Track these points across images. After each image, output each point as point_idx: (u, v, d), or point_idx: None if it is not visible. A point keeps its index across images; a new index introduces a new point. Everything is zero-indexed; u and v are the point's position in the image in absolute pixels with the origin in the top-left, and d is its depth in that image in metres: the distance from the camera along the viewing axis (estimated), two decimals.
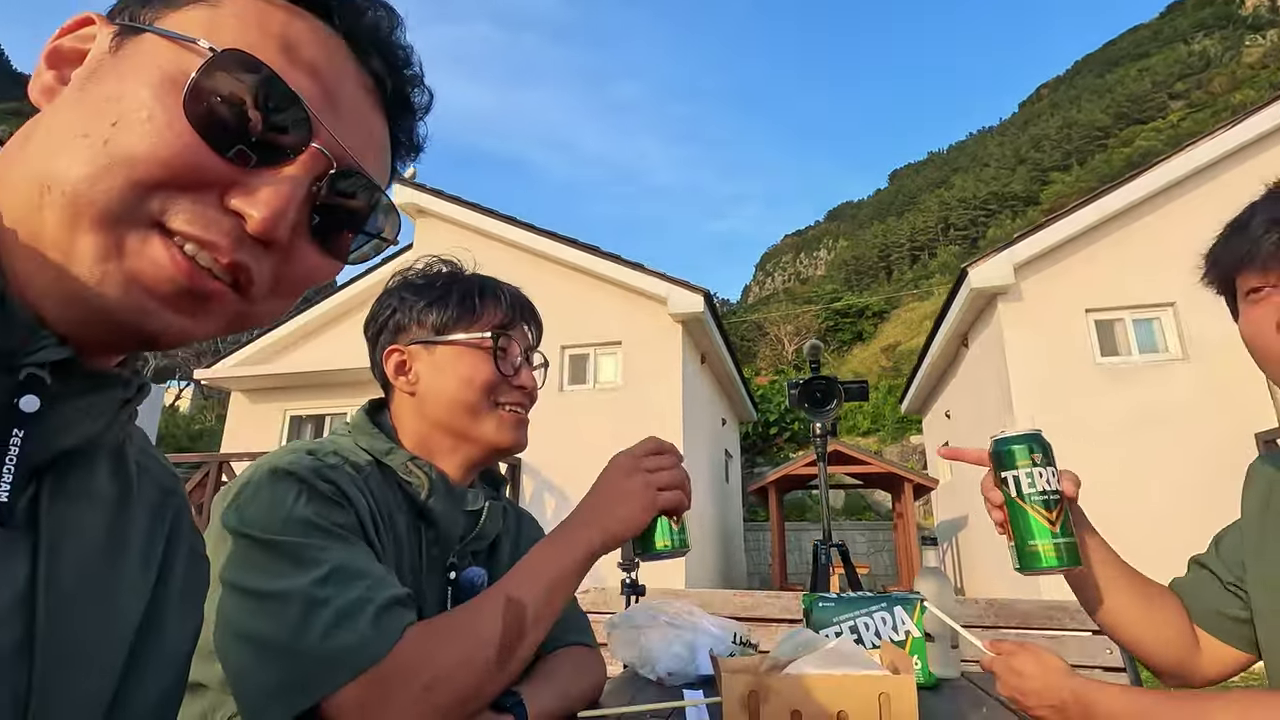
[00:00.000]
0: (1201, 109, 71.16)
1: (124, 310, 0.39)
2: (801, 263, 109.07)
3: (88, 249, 0.37)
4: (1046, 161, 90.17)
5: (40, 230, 0.38)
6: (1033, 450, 0.91)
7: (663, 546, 0.87)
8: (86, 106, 0.39)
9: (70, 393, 0.40)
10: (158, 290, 0.39)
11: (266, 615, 0.70)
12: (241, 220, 0.40)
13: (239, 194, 0.40)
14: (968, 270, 7.74)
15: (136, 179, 0.37)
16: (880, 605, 1.19)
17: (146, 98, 0.38)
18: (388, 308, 1.02)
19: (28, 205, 0.38)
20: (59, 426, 0.40)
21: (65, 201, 0.37)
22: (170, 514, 0.52)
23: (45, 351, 0.38)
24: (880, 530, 14.79)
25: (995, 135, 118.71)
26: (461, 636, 0.72)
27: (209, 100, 0.39)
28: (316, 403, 10.25)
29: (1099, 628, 1.05)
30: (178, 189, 0.39)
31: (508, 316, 0.99)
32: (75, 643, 0.40)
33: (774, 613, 1.93)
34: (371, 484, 0.88)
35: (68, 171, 0.37)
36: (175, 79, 0.39)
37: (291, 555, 0.73)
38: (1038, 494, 0.91)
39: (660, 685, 1.18)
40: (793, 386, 2.87)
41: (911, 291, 49.21)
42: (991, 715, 0.98)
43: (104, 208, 0.37)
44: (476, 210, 9.18)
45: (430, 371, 0.97)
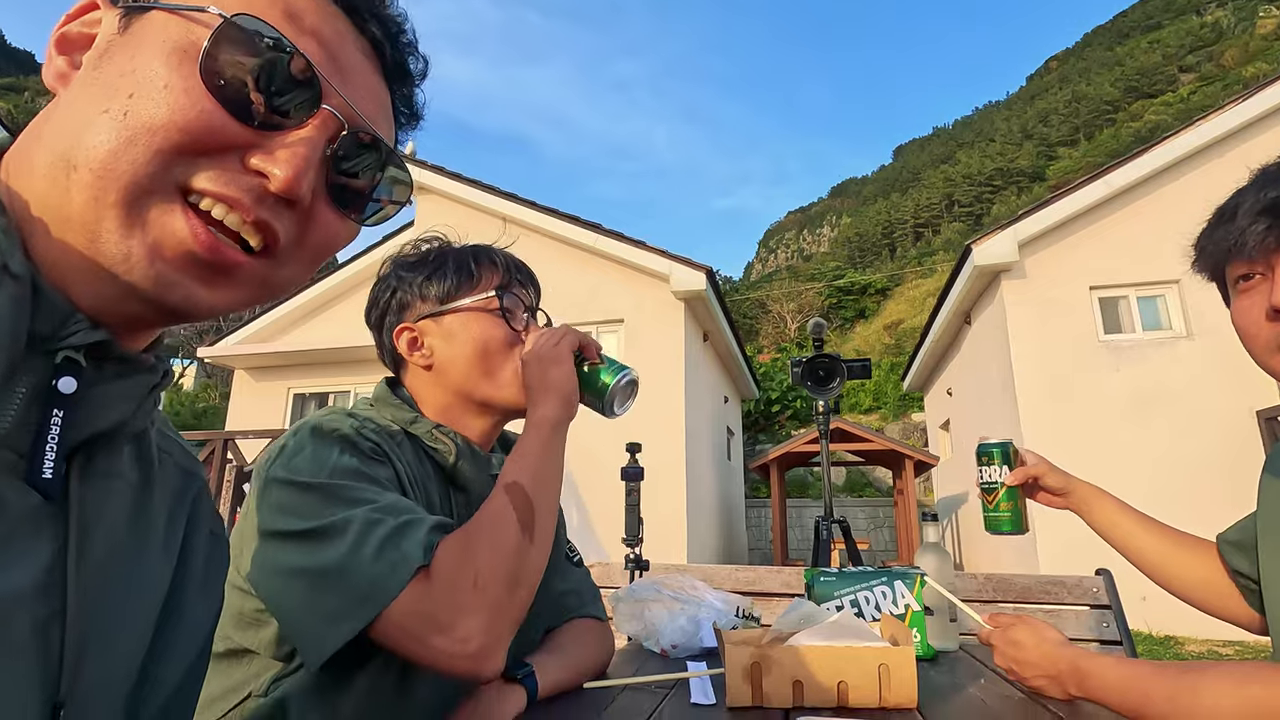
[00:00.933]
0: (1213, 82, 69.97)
1: (149, 283, 0.40)
2: (805, 239, 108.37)
3: (113, 224, 0.38)
4: (1053, 136, 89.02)
5: (68, 212, 0.39)
6: (984, 456, 1.25)
7: (608, 379, 0.93)
8: (102, 84, 0.39)
9: (104, 377, 0.41)
10: (180, 261, 0.40)
11: (321, 546, 0.72)
12: (264, 179, 0.41)
13: (258, 155, 0.41)
14: (971, 247, 7.70)
15: (158, 147, 0.38)
16: (880, 580, 1.21)
17: (160, 68, 0.39)
18: (387, 290, 1.03)
19: (54, 188, 0.39)
20: (94, 409, 0.41)
21: (92, 178, 0.38)
22: (191, 496, 0.53)
23: (80, 335, 0.39)
24: (881, 507, 14.88)
25: (1002, 110, 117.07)
26: (486, 529, 0.75)
27: (223, 65, 0.40)
28: (320, 381, 10.28)
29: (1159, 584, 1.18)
30: (199, 153, 0.40)
31: (506, 277, 1.01)
32: (104, 617, 0.42)
33: (775, 587, 1.95)
34: (404, 451, 0.90)
35: (92, 148, 0.38)
36: (186, 48, 0.40)
37: (340, 495, 0.76)
38: (984, 483, 1.25)
39: (664, 657, 1.21)
40: (796, 364, 2.88)
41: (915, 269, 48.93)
42: (989, 686, 1.00)
43: (130, 179, 0.38)
44: (478, 187, 9.12)
45: (443, 342, 0.98)
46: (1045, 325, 7.27)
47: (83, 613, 0.40)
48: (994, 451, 1.24)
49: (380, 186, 0.49)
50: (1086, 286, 7.29)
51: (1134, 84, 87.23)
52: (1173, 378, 6.70)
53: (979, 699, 0.93)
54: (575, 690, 0.97)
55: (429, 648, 0.69)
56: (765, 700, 0.87)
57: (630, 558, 2.50)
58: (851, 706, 0.86)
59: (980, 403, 8.99)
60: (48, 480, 0.38)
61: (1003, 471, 1.23)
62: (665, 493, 7.51)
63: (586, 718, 0.88)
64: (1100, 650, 1.68)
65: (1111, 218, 7.35)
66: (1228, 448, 6.13)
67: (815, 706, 0.86)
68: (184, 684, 0.50)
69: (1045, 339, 7.23)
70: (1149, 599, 1.18)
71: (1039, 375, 7.10)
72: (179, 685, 0.49)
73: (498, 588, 0.72)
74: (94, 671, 0.41)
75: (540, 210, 8.82)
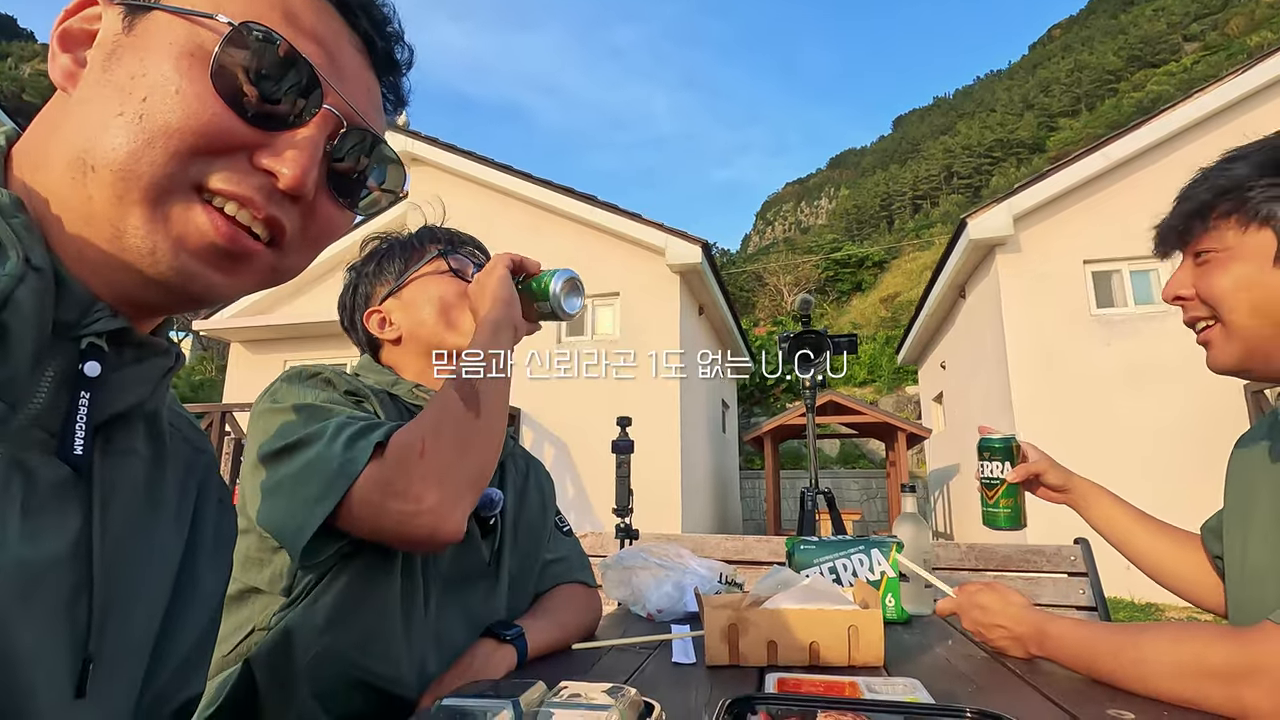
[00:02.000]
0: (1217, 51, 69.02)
1: (173, 273, 0.43)
2: (802, 211, 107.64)
3: (138, 220, 0.41)
4: (1055, 107, 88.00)
5: (89, 209, 0.42)
6: (986, 451, 1.23)
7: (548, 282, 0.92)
8: (114, 86, 0.42)
9: (123, 361, 0.45)
10: (202, 252, 0.43)
11: (302, 451, 0.78)
12: (272, 178, 0.45)
13: (265, 154, 0.45)
14: (967, 221, 7.69)
15: (174, 149, 0.41)
16: (858, 548, 1.26)
17: (171, 72, 0.41)
18: (349, 290, 1.14)
19: (73, 187, 0.42)
20: (114, 391, 0.44)
21: (113, 178, 0.41)
22: (200, 470, 0.56)
23: (102, 322, 0.42)
24: (874, 478, 15.06)
25: (1003, 79, 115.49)
26: (433, 409, 0.81)
27: (232, 71, 0.42)
28: (315, 353, 10.29)
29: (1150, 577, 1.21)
30: (211, 154, 0.43)
31: (447, 241, 1.10)
32: (124, 583, 0.46)
33: (763, 555, 2.02)
34: (384, 406, 0.95)
35: (110, 150, 0.40)
36: (194, 52, 0.42)
37: (320, 412, 0.83)
38: (984, 479, 1.23)
39: (650, 621, 1.26)
40: (784, 340, 2.91)
41: (913, 241, 48.74)
42: (954, 647, 1.05)
43: (150, 180, 0.41)
44: (471, 158, 9.03)
45: (404, 312, 1.05)
46: (1038, 299, 7.31)
47: (106, 579, 0.43)
48: (996, 446, 1.22)
49: (374, 175, 0.53)
50: (1080, 260, 7.30)
51: (1137, 53, 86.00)
52: (1163, 352, 6.75)
53: (943, 658, 0.99)
54: (564, 651, 1.03)
55: (388, 513, 0.74)
56: (742, 659, 0.93)
57: (620, 527, 2.56)
58: (822, 665, 0.91)
59: (973, 376, 9.06)
60: (79, 456, 0.41)
61: (1004, 468, 1.21)
62: (660, 465, 7.60)
63: (573, 674, 0.93)
64: (1076, 615, 1.76)
65: (1107, 191, 7.34)
66: (1216, 422, 6.20)
67: (788, 665, 0.91)
68: (198, 646, 0.54)
69: (1038, 313, 7.27)
70: (1132, 569, 1.22)
71: (1031, 349, 7.16)
72: (193, 646, 0.53)
73: (445, 453, 0.77)
74: (117, 633, 0.45)
75: (534, 182, 8.75)
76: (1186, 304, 0.96)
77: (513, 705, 0.52)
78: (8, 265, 0.38)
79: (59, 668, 0.41)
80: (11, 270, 0.38)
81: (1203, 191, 0.93)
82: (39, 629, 0.39)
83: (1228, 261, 0.89)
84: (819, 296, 36.82)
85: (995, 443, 1.22)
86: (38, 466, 0.40)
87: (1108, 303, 7.30)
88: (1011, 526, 1.21)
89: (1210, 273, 0.92)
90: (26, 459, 0.40)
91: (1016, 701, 0.77)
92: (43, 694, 0.39)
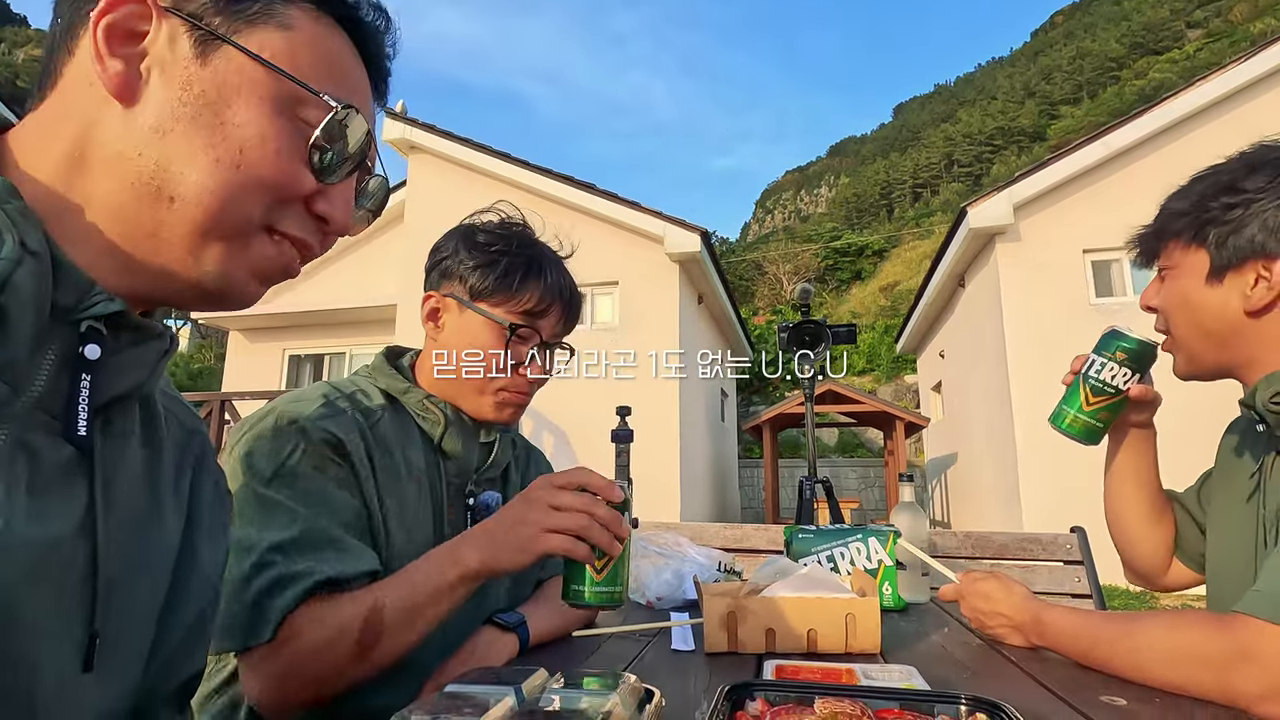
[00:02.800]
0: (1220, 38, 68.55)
1: (233, 293, 0.49)
2: (802, 200, 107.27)
3: (218, 253, 0.47)
4: (1056, 94, 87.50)
5: (155, 229, 0.45)
6: (1121, 350, 1.03)
7: (574, 594, 0.78)
8: (204, 122, 0.44)
9: (121, 345, 0.45)
10: (265, 279, 0.50)
11: (234, 559, 0.78)
12: (324, 224, 0.52)
13: (321, 202, 0.51)
14: (967, 210, 7.67)
15: (264, 201, 0.47)
16: (855, 536, 1.27)
17: (268, 129, 0.46)
18: (446, 250, 1.05)
19: (137, 202, 0.44)
20: (113, 375, 0.45)
21: (202, 215, 0.45)
22: (195, 451, 0.57)
23: (100, 305, 0.43)
24: (872, 467, 15.11)
25: (1005, 66, 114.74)
26: (328, 628, 0.78)
27: (324, 143, 0.48)
28: (315, 342, 10.29)
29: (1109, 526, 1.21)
30: (285, 202, 0.49)
31: (541, 304, 1.02)
32: (130, 561, 0.47)
33: (761, 544, 2.03)
34: (381, 427, 0.93)
35: (204, 191, 0.44)
36: (283, 111, 0.47)
37: (269, 509, 0.81)
38: (1096, 379, 1.04)
39: (650, 609, 1.28)
40: (783, 329, 2.92)
41: (913, 230, 48.62)
42: (951, 634, 1.06)
43: (236, 222, 0.46)
44: (470, 146, 8.98)
45: (452, 330, 1.02)
46: (1038, 288, 7.30)
47: (111, 556, 0.44)
48: (1132, 349, 1.02)
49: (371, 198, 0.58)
50: (1080, 250, 7.29)
51: (1140, 40, 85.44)
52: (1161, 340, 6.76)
53: (940, 645, 1.00)
54: (565, 638, 1.04)
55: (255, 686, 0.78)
56: (740, 647, 0.93)
57: None
58: (820, 652, 0.92)
59: (972, 365, 9.07)
60: (82, 437, 0.42)
61: (1130, 378, 1.03)
62: (660, 454, 7.62)
63: (574, 661, 0.95)
64: (1072, 603, 1.77)
65: (1107, 180, 7.32)
66: (1214, 411, 6.19)
67: (786, 652, 0.92)
68: (199, 622, 0.56)
69: (1037, 302, 7.27)
70: None
71: (1030, 338, 7.16)
72: (194, 622, 0.55)
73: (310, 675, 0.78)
74: (122, 609, 0.46)
75: (533, 170, 8.72)
76: (1156, 314, 1.03)
77: (515, 692, 0.52)
78: (4, 249, 0.39)
79: (67, 643, 0.42)
80: (8, 254, 0.39)
81: (1165, 210, 0.99)
82: (47, 605, 0.40)
83: (1174, 279, 0.97)
84: (818, 285, 36.76)
85: (1131, 344, 1.02)
86: (42, 448, 0.41)
87: (1107, 292, 7.30)
88: (1089, 440, 1.06)
89: (1165, 289, 0.99)
90: (31, 440, 0.41)
91: (1011, 688, 0.78)
92: (51, 669, 0.41)
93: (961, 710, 0.58)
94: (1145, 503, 1.15)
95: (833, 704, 0.57)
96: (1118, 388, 1.03)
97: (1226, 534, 0.99)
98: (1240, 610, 0.71)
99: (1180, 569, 1.14)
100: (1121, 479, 1.16)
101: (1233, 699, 0.70)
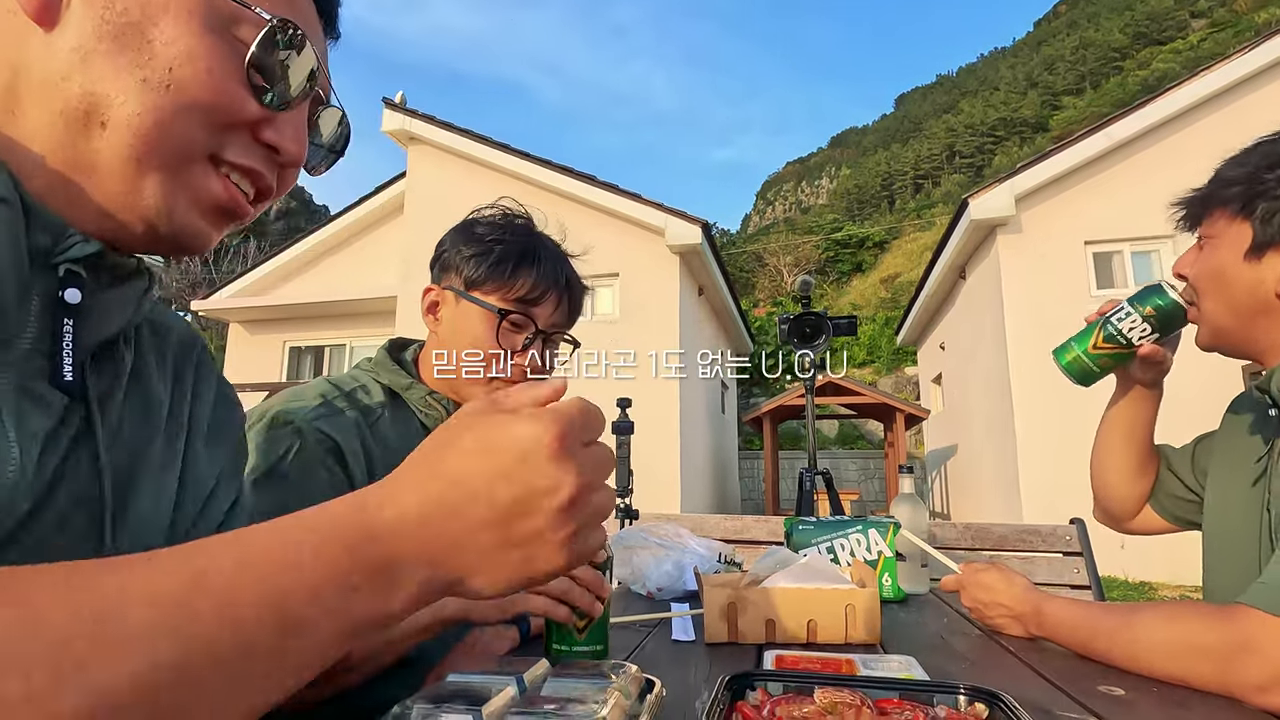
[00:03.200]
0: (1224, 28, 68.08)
1: (178, 228, 0.46)
2: (803, 191, 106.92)
3: (156, 182, 0.43)
4: (1059, 85, 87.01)
5: (90, 160, 0.42)
6: (1153, 307, 1.00)
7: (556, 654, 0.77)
8: (130, 45, 0.41)
9: (101, 286, 0.45)
10: (209, 213, 0.47)
11: None
12: (275, 152, 0.49)
13: (269, 130, 0.48)
14: (968, 201, 7.65)
15: (200, 123, 0.44)
16: (855, 528, 1.27)
17: (198, 47, 0.43)
18: (446, 243, 1.05)
19: (68, 134, 0.42)
20: (99, 317, 0.45)
21: (134, 140, 0.42)
22: (193, 363, 0.58)
23: (77, 247, 0.43)
24: (872, 459, 15.14)
25: (1007, 57, 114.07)
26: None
27: (260, 62, 0.45)
28: (315, 334, 10.29)
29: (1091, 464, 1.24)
30: (227, 127, 0.45)
31: (535, 291, 1.00)
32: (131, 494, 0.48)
33: (761, 535, 2.04)
34: (382, 425, 0.93)
35: (134, 114, 0.41)
36: (218, 29, 0.44)
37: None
38: (1115, 327, 1.02)
39: (650, 599, 1.28)
40: (783, 321, 2.91)
41: (914, 221, 48.46)
42: (950, 625, 1.07)
43: (174, 149, 0.43)
44: (470, 137, 8.95)
45: (450, 322, 1.01)
46: (1039, 280, 7.29)
47: (115, 493, 0.45)
48: (1164, 309, 0.99)
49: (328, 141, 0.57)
50: (1081, 241, 7.28)
51: (1143, 30, 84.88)
52: None
53: (939, 635, 1.01)
54: None
55: None
56: (740, 637, 0.94)
57: (620, 507, 2.58)
58: (819, 643, 0.93)
59: (972, 357, 9.07)
60: (70, 382, 0.43)
61: (1146, 333, 1.01)
62: (660, 446, 7.63)
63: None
64: (1070, 594, 1.78)
65: (1109, 171, 7.30)
66: (1216, 403, 6.20)
67: (786, 642, 0.93)
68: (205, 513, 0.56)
69: (1038, 294, 7.26)
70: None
71: (1031, 330, 7.15)
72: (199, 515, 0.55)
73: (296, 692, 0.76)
74: (128, 538, 0.46)
75: (533, 161, 8.69)
76: (1186, 282, 1.00)
77: (517, 681, 0.53)
78: None
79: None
80: None
81: (1218, 176, 0.95)
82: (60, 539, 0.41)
83: (1213, 249, 0.94)
84: (819, 277, 36.73)
85: (1166, 304, 0.99)
86: (44, 392, 0.42)
87: (1108, 283, 7.29)
88: (1080, 381, 1.07)
89: (1202, 258, 0.96)
90: (33, 386, 0.41)
91: (1010, 678, 0.79)
92: None
93: (960, 700, 0.58)
94: (1132, 457, 1.18)
95: (832, 694, 0.57)
96: (1130, 341, 1.02)
97: (1227, 516, 1.00)
98: (1244, 602, 0.72)
99: (1151, 517, 1.19)
100: (1113, 429, 1.19)
101: (1232, 689, 0.70)
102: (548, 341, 1.04)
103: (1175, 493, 1.16)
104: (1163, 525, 1.19)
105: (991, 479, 8.33)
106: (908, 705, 0.57)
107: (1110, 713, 0.66)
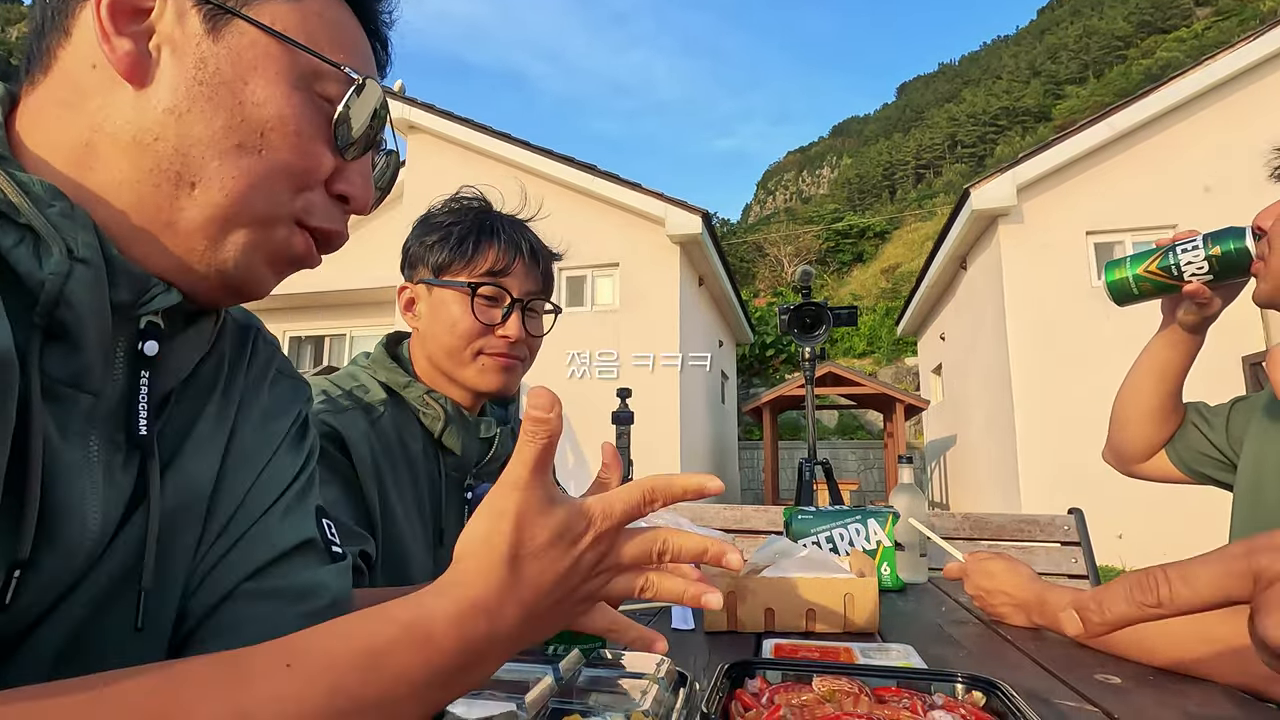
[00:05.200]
0: (1229, 16, 67.54)
1: (250, 283, 0.47)
2: (804, 181, 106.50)
3: (239, 241, 0.44)
4: (1062, 74, 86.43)
5: (173, 217, 0.43)
6: (1221, 248, 0.96)
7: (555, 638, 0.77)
8: (221, 103, 0.42)
9: (175, 330, 0.46)
10: (283, 264, 0.48)
11: None
12: (345, 204, 0.50)
13: (340, 182, 0.49)
14: (970, 191, 7.62)
15: (285, 185, 0.45)
16: (854, 518, 1.27)
17: (287, 109, 0.44)
18: (410, 238, 1.06)
19: (156, 190, 0.42)
20: (174, 366, 0.46)
21: (225, 202, 0.43)
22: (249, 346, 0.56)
23: (159, 298, 0.43)
24: (872, 449, 15.18)
25: (1010, 45, 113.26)
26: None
27: (345, 120, 0.47)
28: (316, 324, 10.28)
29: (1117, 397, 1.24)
30: (309, 187, 0.46)
31: (501, 262, 1.00)
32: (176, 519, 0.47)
33: (760, 525, 2.04)
34: (383, 424, 0.93)
35: (226, 178, 0.42)
36: (300, 87, 0.45)
37: None
38: (1174, 258, 0.99)
39: None
40: (783, 312, 2.91)
41: (915, 211, 48.32)
42: (948, 613, 1.08)
43: (261, 210, 0.45)
44: (470, 126, 8.91)
45: (428, 312, 1.01)
46: (1040, 270, 7.28)
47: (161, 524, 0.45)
48: (1231, 253, 0.95)
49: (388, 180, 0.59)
50: (1083, 232, 7.26)
51: (1147, 18, 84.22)
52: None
53: (936, 624, 1.01)
54: None
55: None
56: (740, 626, 0.95)
57: None
58: (818, 631, 0.93)
59: (973, 347, 9.07)
60: (144, 436, 0.43)
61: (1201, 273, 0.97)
62: (660, 435, 7.65)
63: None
64: (1069, 584, 1.79)
65: (1111, 161, 7.26)
66: (1215, 393, 6.20)
67: (785, 631, 0.93)
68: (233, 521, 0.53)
69: (1039, 284, 7.25)
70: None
71: (1031, 321, 7.15)
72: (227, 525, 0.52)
73: None
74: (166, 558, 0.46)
75: (534, 150, 8.65)
76: (1261, 233, 0.95)
77: (553, 670, 0.54)
78: (50, 263, 0.37)
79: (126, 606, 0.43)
80: (56, 268, 0.37)
81: None
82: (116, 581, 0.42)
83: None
84: (819, 267, 36.65)
85: (1236, 249, 0.95)
86: (121, 441, 0.43)
87: None
88: (1115, 297, 1.05)
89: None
90: (118, 439, 0.43)
91: (1007, 667, 0.79)
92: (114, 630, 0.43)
93: (958, 688, 0.58)
94: (1157, 400, 1.16)
95: (831, 682, 0.57)
96: (1182, 275, 0.98)
97: (1266, 486, 0.98)
98: None
99: (1163, 463, 1.18)
100: (1146, 369, 1.17)
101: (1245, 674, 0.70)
102: (527, 310, 1.04)
103: (1198, 447, 1.15)
104: (1173, 474, 1.18)
105: (991, 469, 8.35)
106: (906, 693, 0.57)
107: (1107, 701, 0.67)
